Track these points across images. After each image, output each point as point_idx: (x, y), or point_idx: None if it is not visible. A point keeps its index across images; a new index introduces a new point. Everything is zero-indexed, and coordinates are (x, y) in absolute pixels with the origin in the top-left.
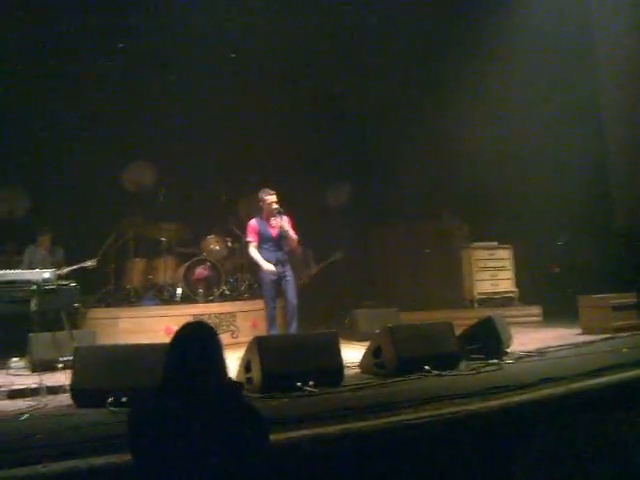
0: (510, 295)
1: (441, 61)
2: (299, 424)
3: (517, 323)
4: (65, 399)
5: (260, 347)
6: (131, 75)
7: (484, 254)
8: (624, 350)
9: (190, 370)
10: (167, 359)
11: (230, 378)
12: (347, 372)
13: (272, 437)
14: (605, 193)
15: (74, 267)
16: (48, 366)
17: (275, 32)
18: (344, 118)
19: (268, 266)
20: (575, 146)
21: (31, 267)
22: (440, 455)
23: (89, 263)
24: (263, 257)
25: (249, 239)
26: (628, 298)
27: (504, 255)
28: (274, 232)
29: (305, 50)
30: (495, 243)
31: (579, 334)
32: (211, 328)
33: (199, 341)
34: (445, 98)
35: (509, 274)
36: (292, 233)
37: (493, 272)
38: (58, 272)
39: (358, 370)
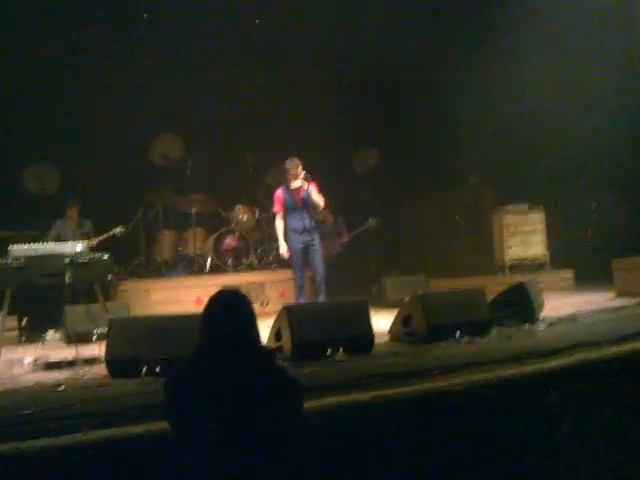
0: (542, 260)
1: (474, 25)
2: (330, 391)
3: (549, 288)
4: (101, 370)
5: (290, 315)
6: (158, 47)
7: (515, 218)
8: None
9: (224, 337)
10: (201, 326)
11: (263, 345)
12: (377, 340)
13: (305, 404)
14: (638, 155)
15: (104, 237)
16: (83, 338)
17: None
18: (374, 86)
19: (283, 247)
20: (610, 107)
21: (59, 240)
22: (472, 422)
23: (118, 230)
24: (289, 226)
25: (275, 209)
26: None
27: (535, 219)
28: (299, 200)
29: (335, 14)
30: (525, 206)
31: (613, 298)
32: (244, 296)
33: (233, 308)
34: (474, 59)
35: (540, 238)
36: (318, 198)
37: (524, 236)
38: (90, 244)
39: (387, 338)
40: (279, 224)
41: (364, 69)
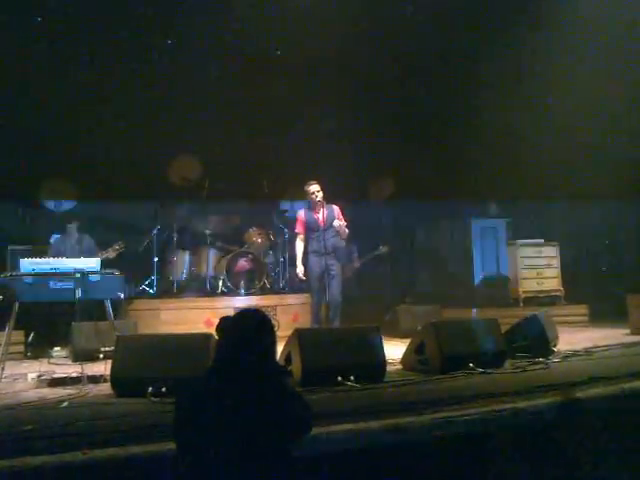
0: (556, 294)
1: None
2: (339, 419)
3: (563, 322)
4: (105, 388)
5: (301, 339)
6: (179, 69)
7: (530, 251)
8: None
9: (242, 356)
10: (220, 345)
11: (278, 364)
12: (389, 368)
13: (313, 430)
14: None
15: (102, 255)
16: (89, 356)
17: (318, 12)
18: (392, 114)
19: (300, 268)
20: (624, 144)
21: (58, 256)
22: (484, 453)
23: (117, 247)
24: (310, 248)
25: (296, 230)
26: None
27: (550, 253)
28: (321, 223)
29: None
30: (541, 240)
31: (628, 334)
32: (265, 315)
33: (254, 327)
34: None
35: (555, 272)
36: (343, 227)
37: (539, 270)
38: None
39: (400, 366)
40: (299, 245)
41: (382, 97)
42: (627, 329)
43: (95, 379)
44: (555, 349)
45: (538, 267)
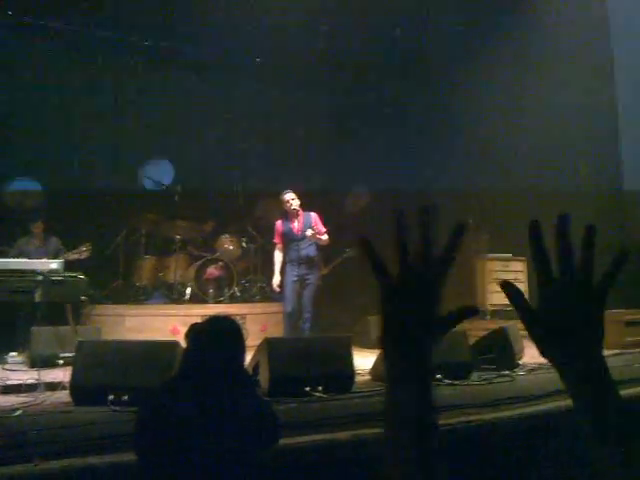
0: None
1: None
2: (306, 429)
3: (529, 336)
4: (63, 396)
5: (270, 349)
6: (151, 71)
7: (498, 265)
8: (636, 365)
9: (210, 364)
10: (187, 352)
11: (247, 372)
12: (358, 379)
13: (279, 441)
14: (619, 209)
15: (69, 257)
16: (48, 362)
17: (296, 28)
18: (364, 123)
19: (276, 279)
20: (591, 163)
21: (21, 257)
22: (451, 465)
23: (84, 249)
24: (287, 257)
25: (275, 241)
26: None
27: (518, 267)
28: (298, 231)
29: (324, 49)
30: (510, 255)
31: None
32: (235, 322)
33: (224, 335)
34: (465, 104)
35: (523, 287)
36: (317, 236)
37: None
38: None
39: (369, 377)
40: (277, 255)
41: (358, 106)
42: None
43: (52, 386)
44: (521, 362)
45: None
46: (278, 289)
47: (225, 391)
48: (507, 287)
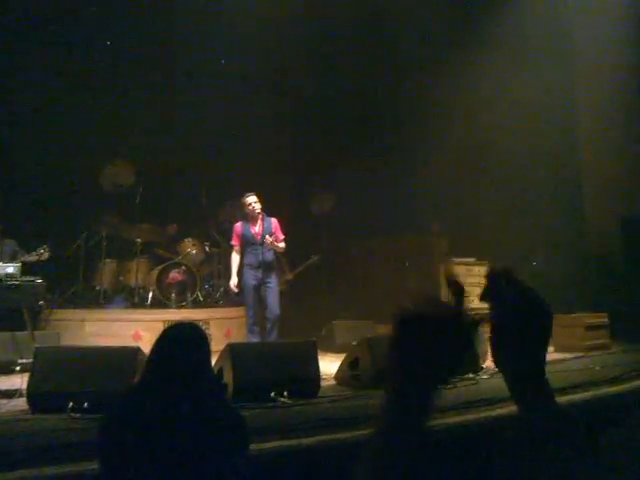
0: (485, 312)
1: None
2: (271, 435)
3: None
4: (21, 404)
5: (233, 355)
6: (111, 71)
7: (462, 269)
8: (597, 368)
9: (175, 370)
10: (151, 358)
11: (213, 377)
12: (323, 384)
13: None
14: (578, 215)
15: (25, 259)
16: (5, 368)
17: (260, 38)
18: (328, 127)
19: (234, 280)
20: (550, 168)
21: None
22: (415, 469)
23: (42, 252)
24: (245, 260)
25: (232, 243)
26: (600, 318)
27: (481, 272)
28: (257, 235)
29: (291, 57)
30: (472, 259)
31: (552, 352)
32: (200, 329)
33: (188, 341)
34: (425, 110)
35: None
36: (275, 243)
37: (469, 288)
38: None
39: (334, 382)
40: (235, 258)
41: (321, 112)
42: (551, 347)
43: (9, 394)
44: (484, 365)
45: (469, 285)
46: (237, 289)
47: (191, 397)
48: (452, 285)
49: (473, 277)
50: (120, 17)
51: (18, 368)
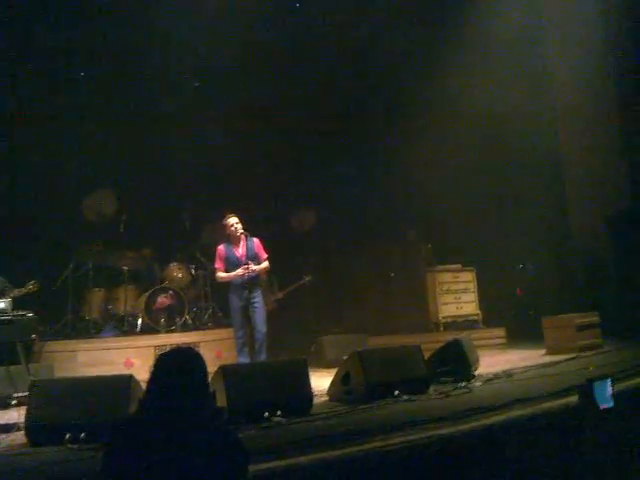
0: (474, 318)
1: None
2: (267, 455)
3: (482, 346)
4: (19, 437)
5: (225, 376)
6: (93, 101)
7: (448, 277)
8: (591, 369)
9: (174, 395)
10: (150, 384)
11: (212, 403)
12: (316, 400)
13: None
14: (563, 216)
15: (16, 294)
16: (1, 403)
17: (241, 63)
18: (307, 145)
19: (236, 273)
20: (535, 171)
21: None
22: None
23: (30, 287)
24: (232, 283)
25: (216, 266)
26: (590, 317)
27: (467, 278)
28: (242, 257)
29: (272, 82)
30: (459, 266)
31: (544, 354)
32: (197, 353)
33: (185, 366)
34: (404, 123)
35: (473, 297)
36: (263, 265)
37: (457, 295)
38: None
39: (327, 398)
40: (222, 274)
41: (298, 129)
42: (543, 350)
43: (7, 428)
44: (476, 373)
45: (456, 292)
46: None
47: (192, 423)
48: None
49: (459, 283)
50: (96, 46)
51: (14, 402)
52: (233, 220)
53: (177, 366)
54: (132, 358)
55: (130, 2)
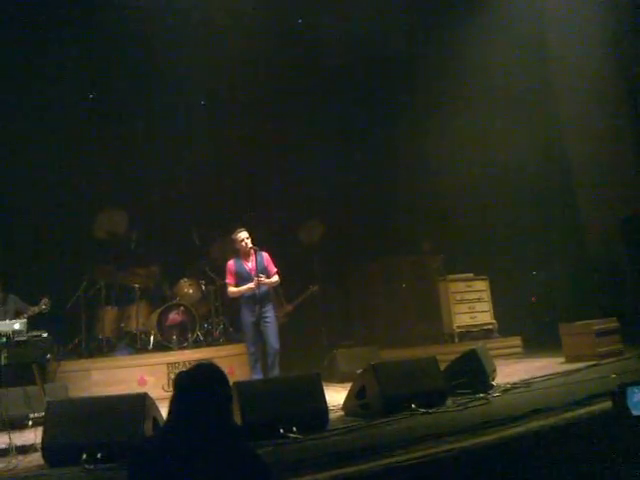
0: (489, 327)
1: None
2: (285, 473)
3: (498, 355)
4: (36, 458)
5: (239, 393)
6: (100, 122)
7: (461, 286)
8: (612, 376)
9: (199, 412)
10: (172, 403)
11: (234, 423)
12: (331, 415)
13: None
14: (576, 221)
15: (30, 313)
16: (18, 423)
17: (245, 78)
18: (316, 157)
19: (248, 286)
20: (546, 177)
21: None
22: None
23: (43, 306)
24: (243, 297)
25: (227, 281)
26: (610, 323)
27: (481, 286)
28: (251, 270)
29: (276, 93)
30: (471, 275)
31: (563, 363)
32: (219, 368)
33: (207, 383)
34: (415, 130)
35: (487, 306)
36: (273, 279)
37: (470, 304)
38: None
39: (342, 413)
40: (233, 289)
41: (307, 141)
42: (561, 358)
43: (24, 449)
44: (494, 383)
45: (470, 301)
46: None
47: (216, 444)
48: None
49: (473, 293)
50: (106, 67)
51: (31, 423)
52: (243, 235)
53: (200, 382)
54: (145, 376)
55: (136, 22)
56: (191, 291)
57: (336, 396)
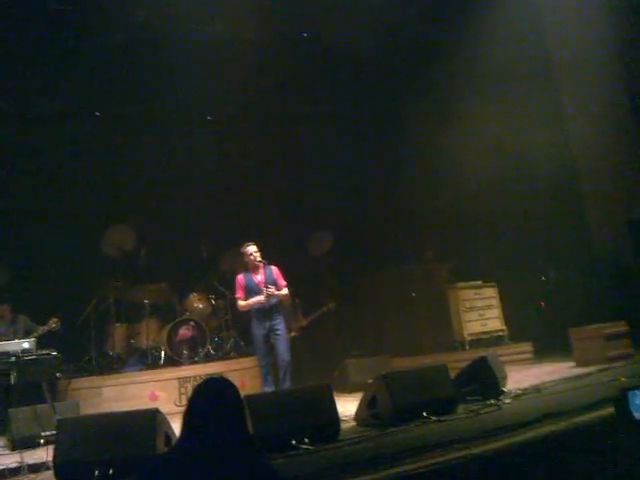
0: (500, 334)
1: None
2: None
3: (509, 361)
4: (48, 477)
5: (251, 406)
6: (108, 138)
7: (470, 293)
8: (622, 380)
9: (211, 429)
10: (185, 418)
11: (248, 435)
12: (343, 425)
13: None
14: (585, 225)
15: (39, 333)
16: (29, 442)
17: (252, 90)
18: (325, 169)
19: (258, 299)
20: (551, 182)
21: None
22: None
23: (53, 325)
24: (254, 311)
25: (237, 295)
26: (620, 326)
27: (490, 293)
28: (260, 283)
29: (283, 106)
30: (479, 282)
31: (573, 367)
32: (231, 384)
33: (219, 398)
34: (422, 139)
35: (497, 312)
36: (282, 292)
37: (480, 311)
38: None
39: (354, 423)
40: (243, 303)
41: (314, 155)
42: (572, 362)
43: (36, 468)
44: (505, 389)
45: (479, 308)
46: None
47: (230, 457)
48: None
49: (482, 300)
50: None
51: (42, 441)
52: (252, 249)
53: (213, 395)
54: (156, 391)
55: (144, 39)
56: (201, 306)
57: (348, 406)
